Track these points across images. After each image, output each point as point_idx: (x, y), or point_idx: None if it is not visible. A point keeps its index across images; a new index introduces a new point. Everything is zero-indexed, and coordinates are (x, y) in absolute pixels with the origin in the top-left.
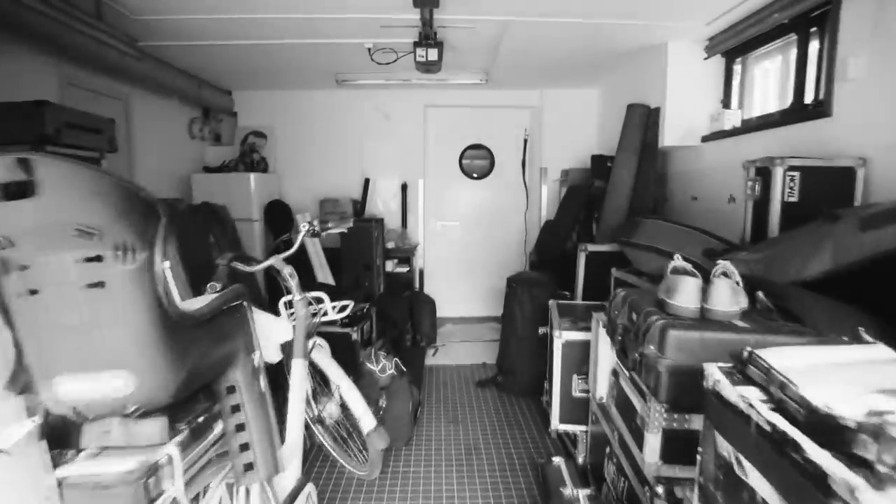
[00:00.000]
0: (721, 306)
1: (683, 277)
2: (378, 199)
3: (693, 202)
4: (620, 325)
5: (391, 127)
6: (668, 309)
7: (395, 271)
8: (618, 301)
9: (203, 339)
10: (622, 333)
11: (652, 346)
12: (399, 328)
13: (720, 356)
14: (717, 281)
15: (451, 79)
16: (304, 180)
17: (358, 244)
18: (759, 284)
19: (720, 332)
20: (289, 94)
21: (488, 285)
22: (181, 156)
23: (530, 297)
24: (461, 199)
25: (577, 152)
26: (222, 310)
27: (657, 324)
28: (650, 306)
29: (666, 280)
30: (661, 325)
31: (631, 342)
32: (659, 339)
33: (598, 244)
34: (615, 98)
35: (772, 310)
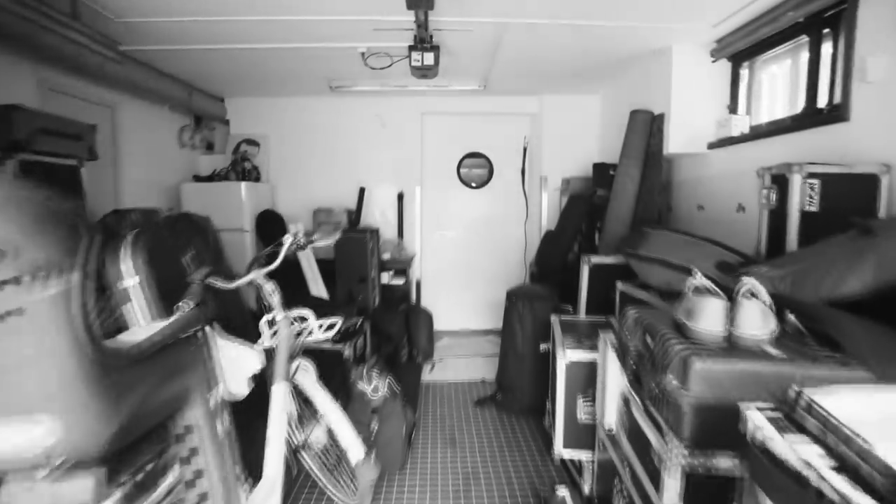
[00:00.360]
0: (751, 331)
1: (706, 298)
2: (374, 209)
3: (699, 211)
4: (633, 350)
5: (387, 135)
6: (690, 334)
7: (390, 283)
8: (629, 322)
9: (147, 377)
10: (636, 359)
11: (673, 377)
12: (395, 343)
13: (753, 390)
14: (745, 302)
15: (449, 85)
16: (297, 190)
17: (352, 256)
18: (787, 304)
19: (752, 361)
20: (282, 102)
21: (487, 297)
22: (171, 165)
23: (531, 311)
24: (459, 208)
25: (578, 160)
26: (174, 341)
27: (678, 352)
28: (668, 330)
29: (686, 301)
30: (683, 353)
31: (647, 370)
32: (681, 369)
33: (601, 256)
34: (617, 104)
35: (803, 333)
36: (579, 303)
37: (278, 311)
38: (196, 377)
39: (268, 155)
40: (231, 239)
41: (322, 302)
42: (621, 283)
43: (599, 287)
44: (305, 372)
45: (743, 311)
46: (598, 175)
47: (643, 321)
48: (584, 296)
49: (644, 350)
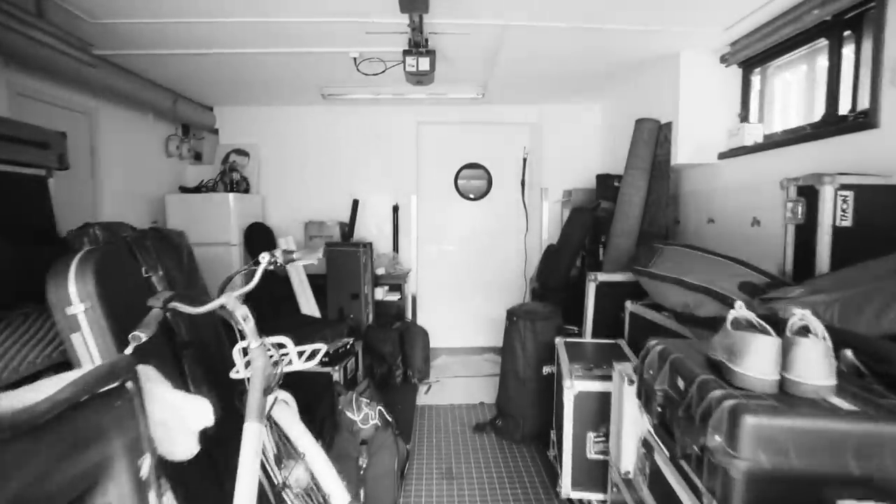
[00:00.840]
0: (812, 378)
1: (753, 336)
2: (368, 222)
3: (709, 225)
4: (660, 393)
5: (382, 145)
6: (732, 378)
7: (385, 300)
8: (653, 358)
9: (43, 452)
10: (663, 403)
11: (718, 436)
12: (388, 363)
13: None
14: (802, 342)
15: (446, 93)
16: (288, 201)
17: (344, 271)
18: (843, 338)
19: (820, 418)
20: (273, 111)
21: (486, 313)
22: (156, 175)
23: (533, 332)
24: (456, 221)
25: (580, 172)
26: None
27: (721, 401)
28: (704, 372)
29: (725, 335)
30: (731, 406)
31: (679, 419)
32: (728, 425)
33: (608, 273)
34: (620, 113)
35: (863, 374)
36: (585, 323)
37: (252, 340)
38: (120, 443)
39: (258, 165)
40: (218, 253)
41: (312, 320)
42: (631, 303)
43: (607, 307)
44: (285, 406)
45: (800, 353)
46: (602, 186)
47: (671, 357)
48: (591, 316)
49: (674, 394)
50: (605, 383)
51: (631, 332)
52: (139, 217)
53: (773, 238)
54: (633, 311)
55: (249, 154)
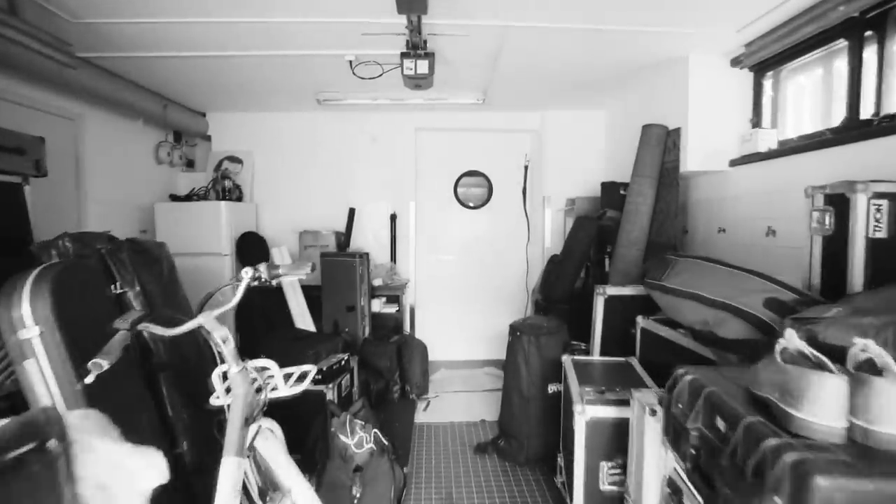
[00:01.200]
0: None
1: (816, 375)
2: (365, 231)
3: (720, 235)
4: (694, 433)
5: (379, 152)
6: (789, 424)
7: (382, 312)
8: (682, 389)
9: None
10: (699, 445)
11: (779, 499)
12: (386, 379)
13: None
14: (875, 382)
15: (445, 98)
16: (282, 210)
17: (339, 282)
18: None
19: None
20: (268, 117)
21: (486, 325)
22: (146, 183)
23: (537, 347)
24: (456, 230)
25: (584, 180)
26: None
27: (783, 457)
28: (749, 412)
29: (774, 370)
30: (795, 462)
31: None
32: (794, 488)
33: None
34: (625, 119)
35: None
36: (593, 340)
37: (232, 364)
38: None
39: (251, 173)
40: (208, 264)
41: (305, 335)
42: (643, 318)
43: (616, 321)
44: (270, 436)
45: (874, 395)
46: (608, 195)
47: (706, 391)
48: (599, 332)
49: (713, 436)
50: (621, 409)
51: (643, 349)
52: (127, 227)
53: (791, 249)
54: (645, 327)
55: (243, 161)
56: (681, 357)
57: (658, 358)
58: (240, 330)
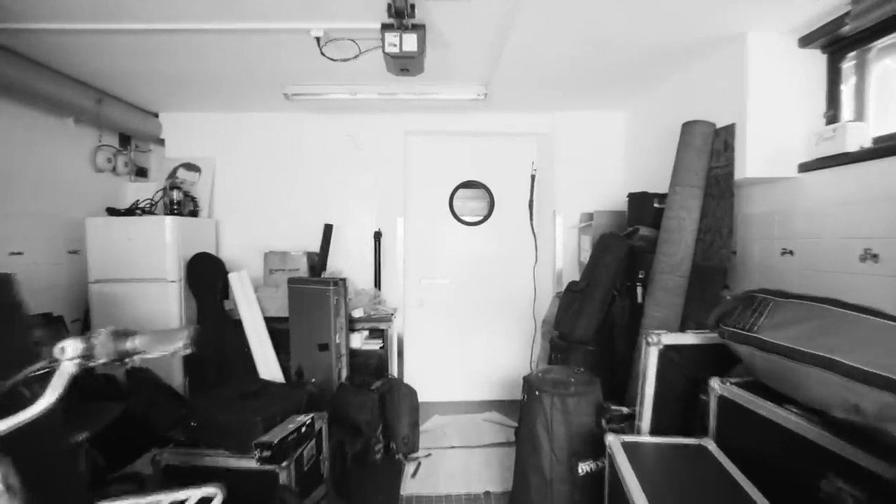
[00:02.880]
0: None
1: None
2: (343, 252)
3: (784, 258)
4: None
5: (362, 160)
6: None
7: (363, 348)
8: None
9: None
10: None
11: None
12: (366, 436)
13: None
14: None
15: (439, 94)
16: (247, 227)
17: (310, 315)
18: None
19: None
20: (231, 118)
21: (487, 361)
22: (80, 194)
23: (564, 413)
24: (452, 250)
25: (601, 191)
26: None
27: None
28: None
29: None
30: None
31: None
32: None
33: (651, 319)
34: (650, 119)
35: None
36: (640, 405)
37: None
38: None
39: (211, 183)
40: (149, 293)
41: (257, 389)
42: (720, 382)
43: (675, 381)
44: None
45: None
46: (637, 208)
47: None
48: (651, 395)
49: None
50: None
51: (722, 427)
52: (51, 246)
53: None
54: (726, 396)
55: (201, 169)
56: (796, 450)
57: (750, 443)
58: (190, 375)
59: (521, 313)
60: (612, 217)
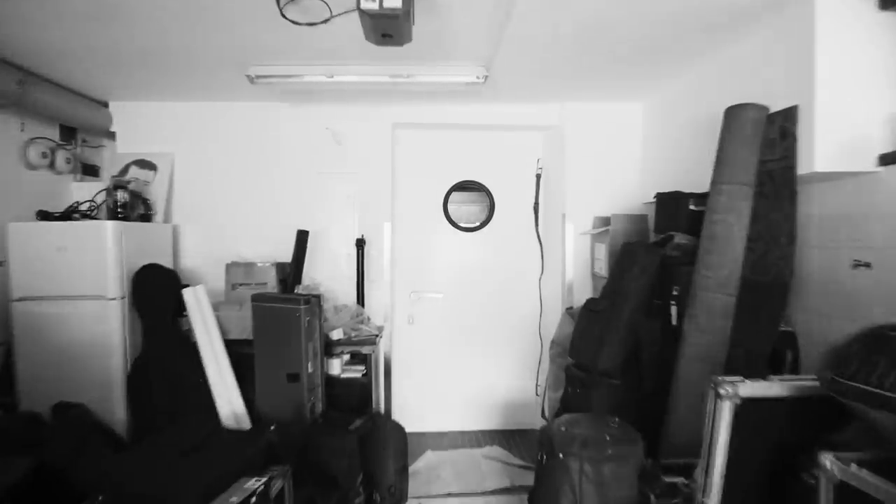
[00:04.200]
0: None
1: None
2: (320, 263)
3: (858, 272)
4: None
5: (344, 156)
6: None
7: (342, 376)
8: None
9: None
10: None
11: None
12: (343, 489)
13: None
14: None
15: (432, 73)
16: (211, 233)
17: (278, 339)
18: None
19: None
20: (192, 109)
21: (486, 386)
22: (8, 195)
23: (598, 484)
24: (446, 259)
25: (619, 192)
26: None
27: None
28: None
29: None
30: None
31: None
32: None
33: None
34: (676, 110)
35: None
36: (705, 478)
37: None
38: None
39: (168, 182)
40: (85, 313)
41: (204, 441)
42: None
43: (756, 448)
44: None
45: None
46: (667, 211)
47: None
48: (721, 467)
49: None
50: None
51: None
52: None
53: None
54: (847, 482)
55: (157, 167)
56: None
57: None
58: (134, 410)
59: (525, 331)
60: (632, 222)
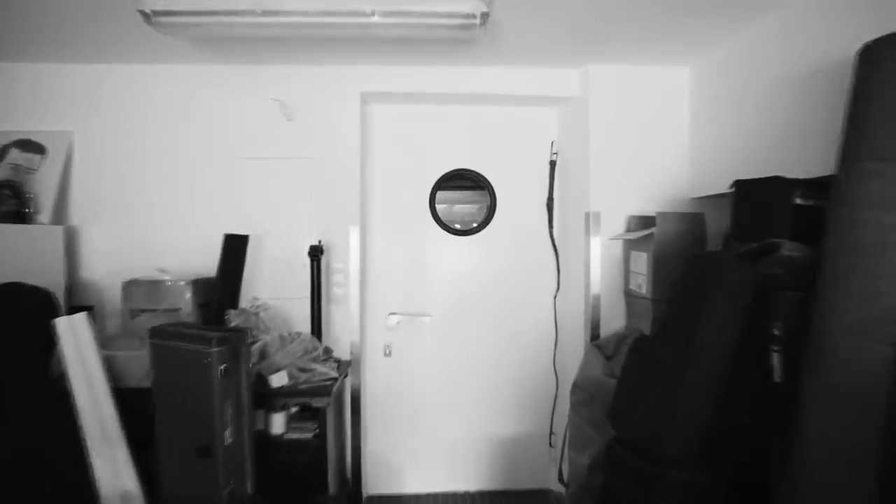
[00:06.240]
0: None
1: None
2: (270, 276)
3: None
4: None
5: (296, 136)
6: None
7: (288, 437)
8: None
9: None
10: None
11: None
12: None
13: None
14: None
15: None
16: (122, 237)
17: (182, 395)
18: None
19: None
20: (96, 74)
21: (484, 433)
22: None
23: None
24: (434, 272)
25: (662, 184)
26: None
27: None
28: None
29: None
30: None
31: None
32: None
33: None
34: (740, 71)
35: None
36: None
37: None
38: None
39: (61, 170)
40: None
41: None
42: None
43: None
44: None
45: None
46: (759, 207)
47: None
48: None
49: None
50: None
51: None
52: None
53: None
54: None
55: (47, 149)
56: None
57: None
58: None
59: (535, 364)
60: (686, 222)
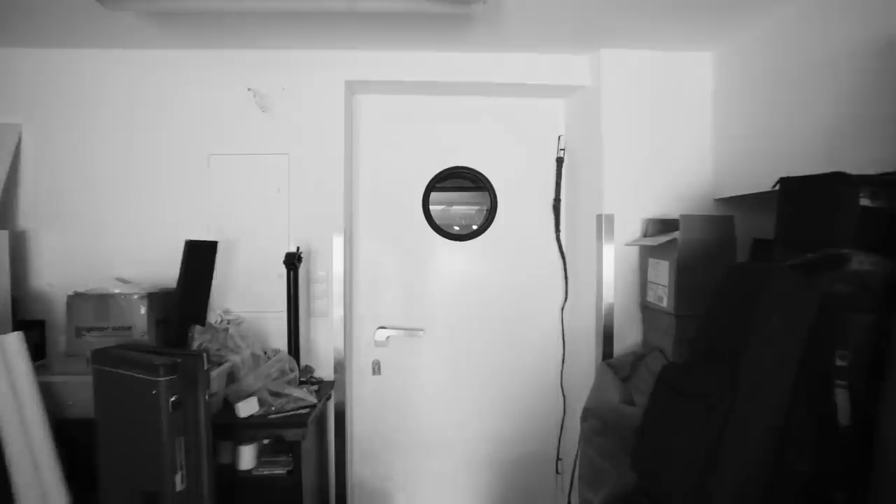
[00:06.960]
0: None
1: None
2: (243, 287)
3: None
4: None
5: (273, 130)
6: None
7: (257, 472)
8: None
9: None
10: None
11: None
12: None
13: None
14: None
15: None
16: (76, 244)
17: (128, 431)
18: None
19: None
20: (46, 59)
21: (482, 458)
22: None
23: None
24: (429, 281)
25: (684, 184)
26: None
27: None
28: None
29: None
30: None
31: None
32: None
33: None
34: (777, 53)
35: None
36: None
37: None
38: None
39: (11, 168)
40: None
41: None
42: None
43: None
44: None
45: None
46: (812, 209)
47: None
48: None
49: None
50: None
51: None
52: None
53: None
54: None
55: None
56: None
57: None
58: None
59: (540, 381)
60: (714, 227)
